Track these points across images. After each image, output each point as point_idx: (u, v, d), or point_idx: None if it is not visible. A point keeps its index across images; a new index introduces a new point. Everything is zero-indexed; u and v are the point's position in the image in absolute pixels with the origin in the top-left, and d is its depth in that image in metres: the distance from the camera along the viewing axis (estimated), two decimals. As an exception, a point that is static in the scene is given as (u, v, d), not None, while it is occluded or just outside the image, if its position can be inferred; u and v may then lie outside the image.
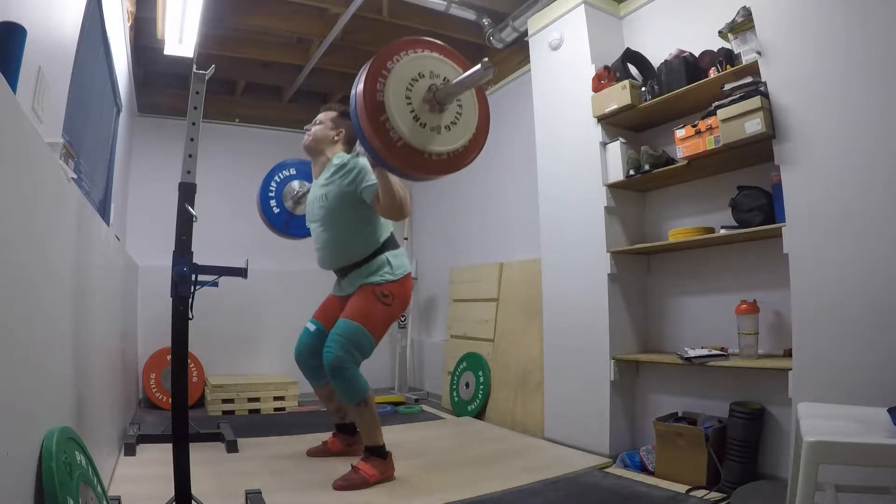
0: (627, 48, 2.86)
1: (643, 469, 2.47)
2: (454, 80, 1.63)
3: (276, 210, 2.87)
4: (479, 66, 1.53)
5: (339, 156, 2.46)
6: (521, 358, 3.40)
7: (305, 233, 2.66)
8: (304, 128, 2.59)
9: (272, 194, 2.87)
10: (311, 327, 2.57)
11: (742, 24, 2.21)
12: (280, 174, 2.90)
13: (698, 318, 2.64)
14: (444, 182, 4.62)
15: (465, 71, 1.67)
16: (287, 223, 2.89)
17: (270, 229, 2.90)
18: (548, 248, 3.12)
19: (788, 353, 2.07)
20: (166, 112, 4.38)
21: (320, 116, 2.58)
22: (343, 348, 2.24)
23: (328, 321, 2.44)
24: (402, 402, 4.12)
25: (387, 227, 2.46)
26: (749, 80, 2.17)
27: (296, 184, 2.89)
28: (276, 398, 3.90)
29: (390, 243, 2.45)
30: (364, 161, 2.31)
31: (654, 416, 2.56)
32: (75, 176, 1.46)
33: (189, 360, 1.90)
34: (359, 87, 1.56)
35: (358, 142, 1.65)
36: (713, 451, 2.22)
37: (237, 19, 3.61)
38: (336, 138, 2.53)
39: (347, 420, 2.67)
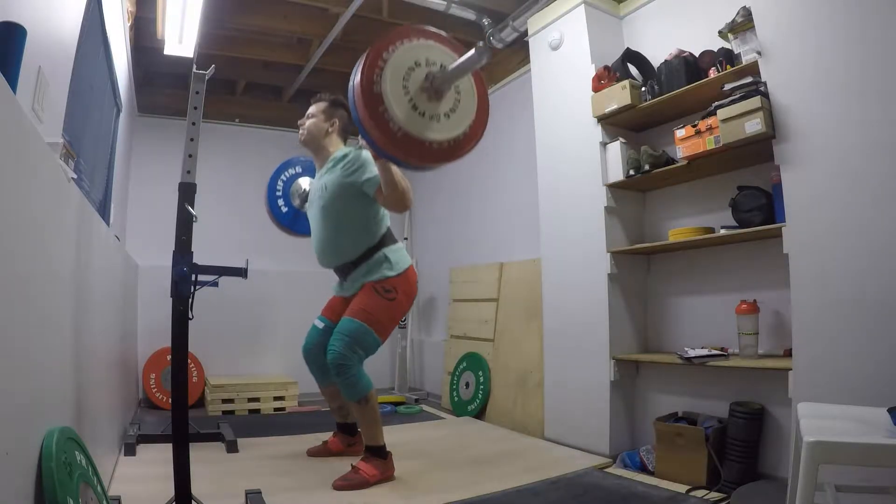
0: (627, 48, 2.86)
1: (643, 469, 2.47)
2: (451, 66, 1.62)
3: (285, 209, 2.87)
4: (473, 50, 1.53)
5: (341, 149, 2.46)
6: (521, 358, 3.40)
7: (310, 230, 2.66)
8: (298, 123, 2.57)
9: (279, 192, 2.87)
10: (320, 324, 2.57)
11: (742, 24, 2.21)
12: (287, 172, 2.89)
13: (698, 318, 2.64)
14: (444, 182, 4.63)
15: (459, 57, 1.66)
16: (294, 221, 2.88)
17: (278, 227, 2.88)
18: (548, 248, 3.12)
19: (788, 353, 2.07)
20: (166, 112, 4.38)
21: (311, 109, 2.56)
22: (346, 346, 2.24)
23: (335, 318, 2.45)
24: (402, 402, 4.12)
25: (384, 221, 2.45)
26: (749, 80, 2.17)
27: (303, 181, 2.88)
28: (276, 398, 3.90)
29: (388, 238, 2.44)
30: (366, 153, 2.30)
31: (654, 416, 2.56)
32: (75, 176, 1.45)
33: (189, 360, 1.90)
34: (356, 79, 1.56)
35: (360, 133, 1.65)
36: (713, 451, 2.22)
37: (237, 19, 3.61)
38: (330, 130, 2.52)
39: (349, 420, 2.67)
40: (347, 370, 2.23)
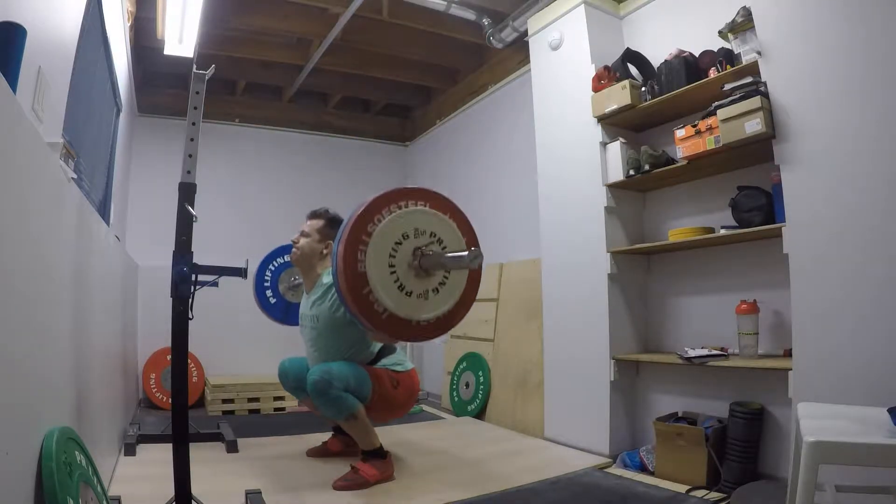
0: (627, 48, 2.86)
1: (643, 469, 2.47)
2: (441, 258, 1.54)
3: (273, 300, 2.89)
4: (465, 253, 1.44)
5: (328, 273, 2.35)
6: (521, 358, 3.40)
7: None
8: (292, 240, 2.48)
9: (268, 283, 2.88)
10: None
11: (742, 24, 2.21)
12: (274, 262, 2.90)
13: (698, 318, 2.64)
14: (443, 182, 4.62)
15: (453, 218, 1.62)
16: (285, 313, 2.90)
17: (269, 318, 2.91)
18: (548, 248, 3.12)
19: (788, 353, 2.07)
20: (166, 112, 4.38)
21: (307, 227, 2.46)
22: (342, 373, 2.18)
23: None
24: (402, 402, 4.11)
25: None
26: (749, 80, 2.17)
27: (292, 271, 2.87)
28: (276, 398, 3.90)
29: (385, 350, 2.42)
30: None
31: (654, 416, 2.56)
32: (75, 176, 1.45)
33: (189, 360, 1.90)
34: (339, 252, 1.48)
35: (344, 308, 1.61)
36: (713, 451, 2.22)
37: (237, 19, 3.61)
38: (325, 252, 2.43)
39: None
40: (330, 388, 2.13)
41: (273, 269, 2.89)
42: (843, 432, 1.29)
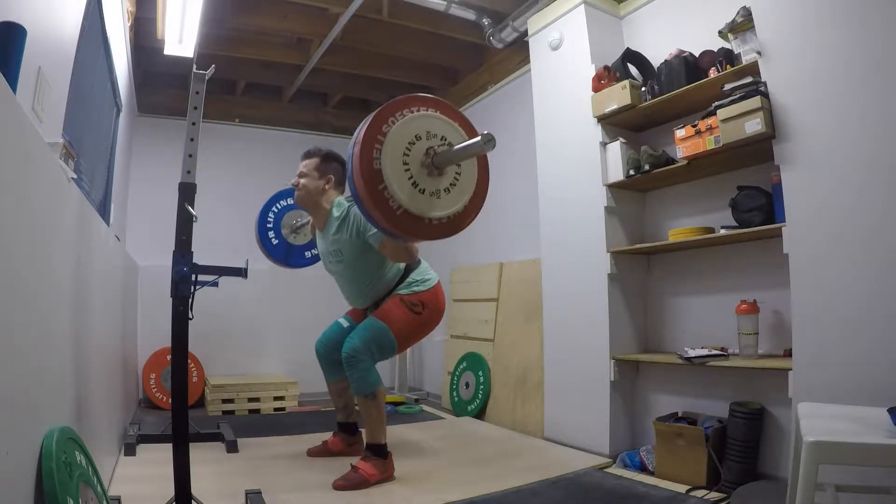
0: (627, 48, 2.86)
1: (643, 469, 2.47)
2: (452, 149, 1.58)
3: (275, 241, 2.88)
4: (478, 138, 1.48)
5: (337, 204, 2.43)
6: (521, 358, 3.40)
7: (306, 263, 2.68)
8: (291, 182, 2.51)
9: (270, 225, 2.87)
10: (344, 323, 2.62)
11: (742, 24, 2.21)
12: (277, 205, 2.90)
13: (698, 318, 2.64)
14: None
15: (462, 125, 1.64)
16: (287, 254, 2.90)
17: (271, 260, 2.91)
18: (548, 248, 3.12)
19: (788, 353, 2.07)
20: (166, 112, 4.38)
21: (303, 167, 2.49)
22: (363, 341, 2.27)
23: (360, 321, 2.47)
24: (402, 402, 4.11)
25: None
26: (749, 80, 2.17)
27: (293, 213, 2.89)
28: (276, 398, 3.90)
29: (413, 263, 2.48)
30: None
31: (654, 416, 2.56)
32: (75, 176, 1.45)
33: (189, 360, 1.90)
34: (355, 153, 1.52)
35: (358, 209, 1.63)
36: (713, 451, 2.22)
37: (237, 19, 3.61)
38: (326, 186, 2.47)
39: (350, 420, 2.67)
40: (359, 363, 2.25)
41: (276, 211, 2.89)
42: (843, 432, 1.29)
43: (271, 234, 2.87)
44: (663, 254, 2.81)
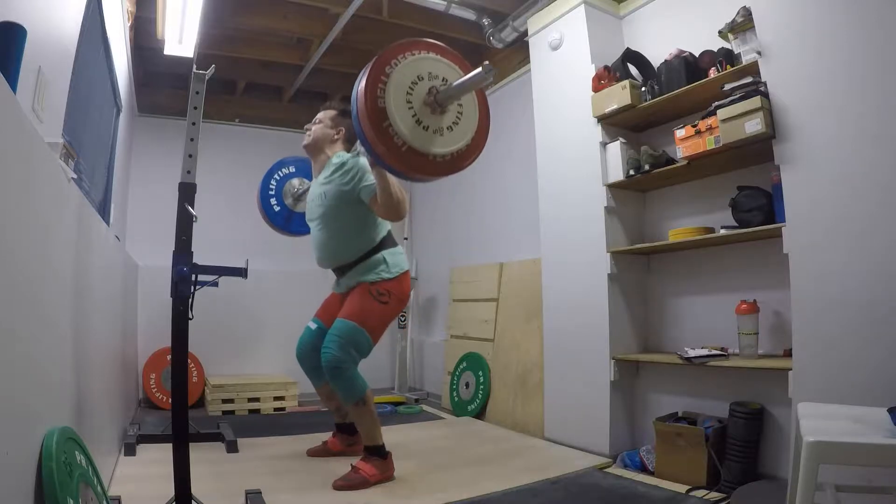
0: (627, 48, 2.86)
1: (643, 469, 2.47)
2: (455, 83, 1.63)
3: (277, 208, 2.88)
4: (479, 69, 1.53)
5: (338, 155, 2.46)
6: (521, 358, 3.40)
7: (306, 230, 2.66)
8: (305, 127, 2.59)
9: (272, 192, 2.88)
10: (313, 325, 2.58)
11: (742, 24, 2.21)
12: (280, 172, 2.91)
13: (698, 318, 2.64)
14: (444, 182, 4.60)
15: (462, 69, 1.68)
16: (287, 220, 2.90)
17: (271, 226, 2.91)
18: (548, 248, 3.12)
19: (788, 353, 2.07)
20: (166, 112, 4.38)
21: (320, 115, 2.58)
22: (341, 348, 2.24)
23: (329, 319, 2.44)
24: (402, 402, 4.12)
25: (384, 225, 2.47)
26: (749, 80, 2.17)
27: (296, 181, 2.90)
28: (276, 398, 3.90)
29: (388, 241, 2.46)
30: (363, 161, 2.31)
31: (654, 416, 2.56)
32: (75, 176, 1.45)
33: (189, 360, 1.90)
34: (359, 93, 1.57)
35: (358, 141, 1.66)
36: (713, 451, 2.22)
37: (237, 19, 3.61)
38: (336, 137, 2.54)
39: (348, 420, 2.67)
40: (342, 373, 2.23)
41: (279, 178, 2.90)
42: (843, 432, 1.29)
43: (273, 199, 2.87)
44: (663, 254, 2.81)
